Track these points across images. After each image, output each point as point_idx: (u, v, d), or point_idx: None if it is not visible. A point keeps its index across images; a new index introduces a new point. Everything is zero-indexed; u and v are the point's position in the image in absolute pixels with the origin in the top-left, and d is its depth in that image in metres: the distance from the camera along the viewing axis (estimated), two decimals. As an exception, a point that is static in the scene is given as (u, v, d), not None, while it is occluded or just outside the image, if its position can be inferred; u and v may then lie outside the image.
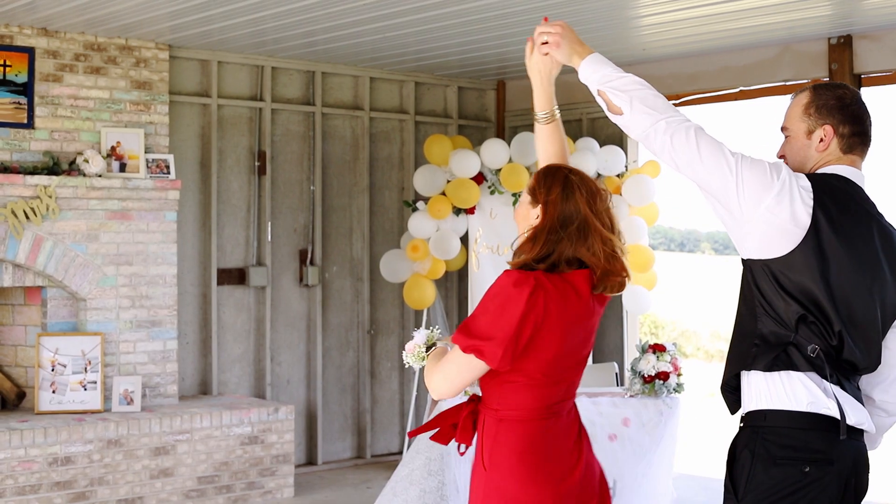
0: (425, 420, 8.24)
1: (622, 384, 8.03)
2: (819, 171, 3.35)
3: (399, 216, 9.70)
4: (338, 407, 9.41)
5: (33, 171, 7.57)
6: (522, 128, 9.90)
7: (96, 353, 7.76)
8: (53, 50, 7.78)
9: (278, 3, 6.90)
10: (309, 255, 9.19)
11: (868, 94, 8.01)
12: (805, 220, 3.16)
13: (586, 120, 9.53)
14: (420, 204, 8.79)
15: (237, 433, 7.91)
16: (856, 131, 3.37)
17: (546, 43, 3.61)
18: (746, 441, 3.23)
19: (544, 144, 3.79)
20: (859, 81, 7.94)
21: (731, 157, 3.21)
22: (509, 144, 8.84)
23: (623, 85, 3.39)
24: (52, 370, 7.64)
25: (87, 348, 7.75)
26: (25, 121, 7.65)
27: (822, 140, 3.37)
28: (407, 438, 9.10)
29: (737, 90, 8.53)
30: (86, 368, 7.72)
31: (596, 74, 3.47)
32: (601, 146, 8.88)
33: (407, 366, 3.83)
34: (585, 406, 6.74)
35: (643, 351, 6.92)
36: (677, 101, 9.06)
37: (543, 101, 3.79)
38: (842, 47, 7.88)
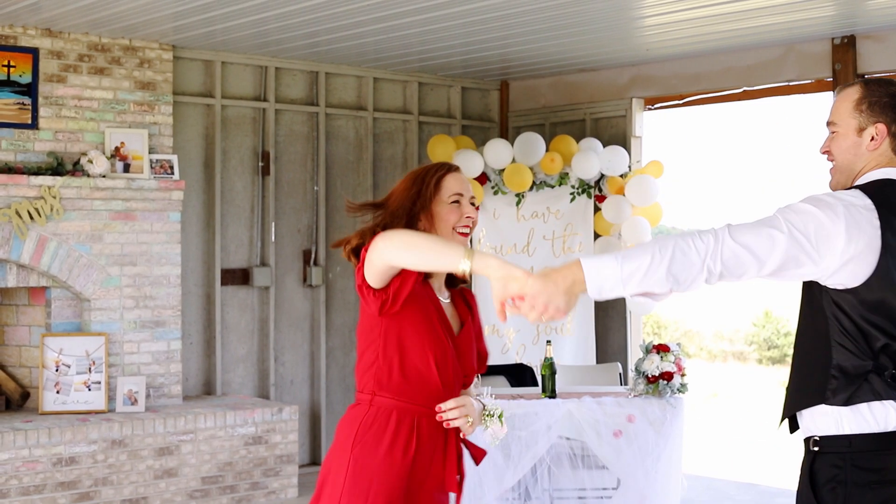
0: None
1: (626, 384, 8.04)
2: (871, 179, 3.21)
3: (402, 216, 9.68)
4: (341, 407, 9.41)
5: (37, 171, 7.58)
6: (526, 128, 9.91)
7: (100, 353, 7.77)
8: (57, 50, 7.78)
9: (282, 3, 6.91)
10: (312, 256, 9.20)
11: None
12: (878, 242, 3.02)
13: (590, 120, 9.53)
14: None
15: (241, 433, 7.91)
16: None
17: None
18: (832, 467, 3.08)
19: None
20: (863, 81, 7.94)
21: (781, 231, 2.98)
22: (512, 145, 8.85)
23: (649, 274, 2.92)
24: (57, 370, 7.64)
25: (92, 349, 7.76)
26: (29, 121, 7.65)
27: (873, 139, 3.22)
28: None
29: (741, 90, 8.53)
30: (90, 369, 7.73)
31: (610, 282, 2.92)
32: (604, 146, 8.88)
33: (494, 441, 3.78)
34: (590, 406, 6.75)
35: (647, 351, 6.92)
36: (681, 102, 9.07)
37: None
38: (845, 47, 7.88)
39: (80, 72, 7.88)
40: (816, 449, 3.12)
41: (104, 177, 7.79)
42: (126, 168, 7.99)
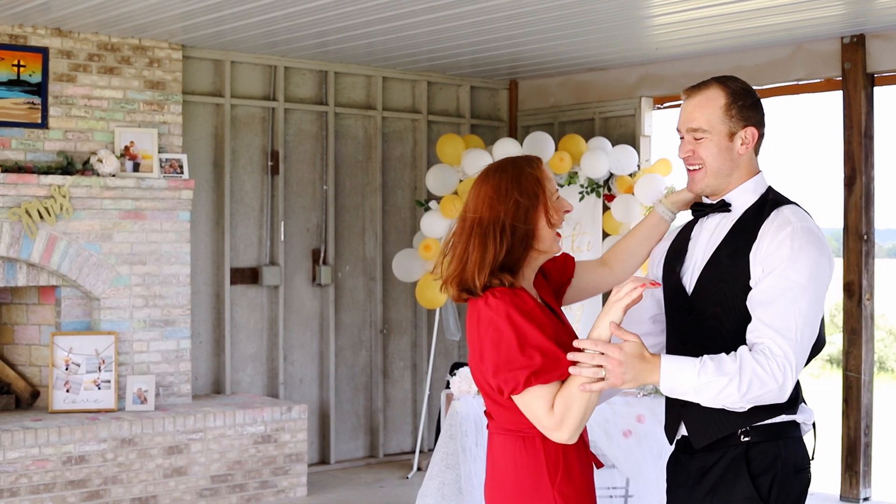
0: (442, 420, 8.27)
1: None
2: (765, 190, 3.24)
3: (412, 216, 9.71)
4: (350, 406, 9.42)
5: (47, 170, 7.60)
6: (535, 127, 9.91)
7: (110, 352, 7.79)
8: (67, 50, 7.80)
9: (291, 3, 6.92)
10: (322, 255, 9.21)
11: (881, 94, 8.00)
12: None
13: (599, 119, 9.53)
14: (433, 203, 8.80)
15: (250, 432, 7.92)
16: (763, 132, 3.27)
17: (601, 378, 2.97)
18: (767, 453, 3.13)
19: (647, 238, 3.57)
20: (872, 81, 7.93)
21: (821, 303, 3.09)
22: (521, 144, 8.85)
23: (723, 395, 2.96)
24: (66, 369, 7.66)
25: (101, 347, 7.78)
26: (39, 121, 7.67)
27: (743, 143, 3.21)
28: (420, 438, 9.11)
29: (750, 89, 8.52)
30: (99, 368, 7.75)
31: (684, 386, 2.99)
32: (613, 146, 8.87)
33: None
34: (599, 405, 6.75)
35: (656, 351, 6.90)
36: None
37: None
38: (855, 46, 7.87)
39: (89, 71, 7.90)
40: (748, 439, 3.15)
41: (114, 176, 7.80)
42: (136, 167, 8.01)
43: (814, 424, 3.26)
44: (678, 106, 9.51)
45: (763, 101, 3.33)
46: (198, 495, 7.68)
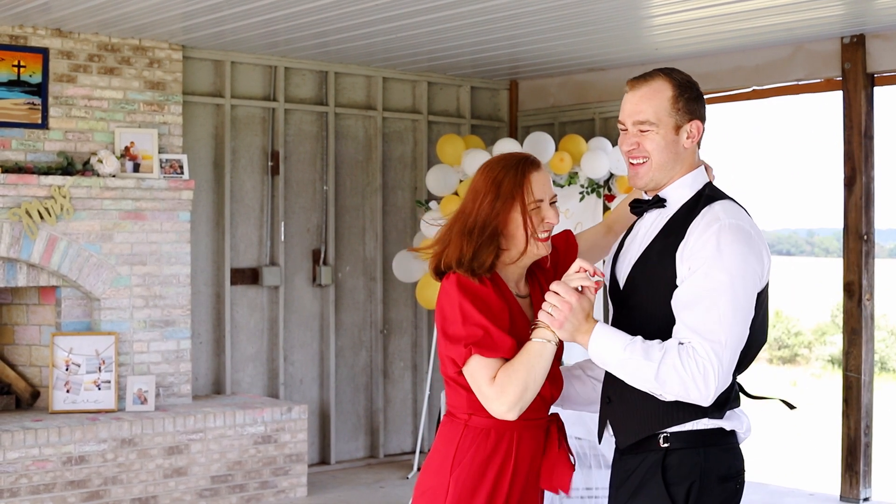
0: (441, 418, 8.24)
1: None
2: (703, 185, 3.18)
3: (412, 216, 9.72)
4: (351, 406, 9.43)
5: (47, 171, 7.60)
6: (535, 127, 9.91)
7: (110, 352, 7.79)
8: (67, 50, 7.80)
9: (291, 3, 6.92)
10: (322, 255, 9.21)
11: (881, 94, 8.00)
12: None
13: (599, 119, 9.53)
14: (433, 204, 8.80)
15: (250, 432, 7.93)
16: (705, 126, 3.22)
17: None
18: (685, 461, 3.07)
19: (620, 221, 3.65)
20: (872, 81, 7.93)
21: (751, 301, 3.02)
22: (522, 144, 8.85)
23: (639, 372, 3.01)
24: (67, 370, 7.66)
25: (101, 348, 7.78)
26: (40, 121, 7.68)
27: (689, 137, 3.15)
28: (420, 438, 9.11)
29: (749, 90, 8.52)
30: (100, 368, 7.75)
31: (607, 355, 3.10)
32: (613, 146, 8.88)
33: None
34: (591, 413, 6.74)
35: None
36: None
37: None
38: (855, 46, 7.87)
39: (89, 72, 7.90)
40: (668, 445, 3.11)
41: (114, 176, 7.81)
42: (136, 168, 8.01)
43: (749, 429, 3.18)
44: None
45: (763, 101, 3.33)
46: (198, 496, 7.68)
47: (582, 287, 3.05)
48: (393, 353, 9.68)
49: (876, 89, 7.95)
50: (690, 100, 3.15)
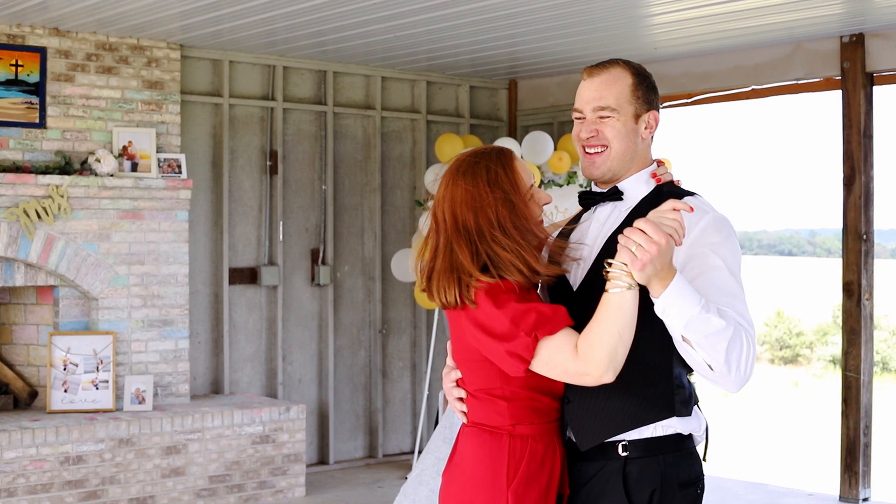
0: (439, 419, 8.25)
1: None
2: (667, 179, 3.12)
3: (410, 215, 9.71)
4: (349, 406, 9.42)
5: (45, 170, 7.59)
6: (534, 127, 9.90)
7: (108, 352, 7.78)
8: (65, 50, 7.80)
9: (289, 2, 6.91)
10: (321, 255, 9.20)
11: (880, 93, 7.99)
12: None
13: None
14: (431, 203, 8.78)
15: (249, 432, 7.92)
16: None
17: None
18: (646, 469, 3.00)
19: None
20: (872, 80, 7.92)
21: (740, 279, 2.93)
22: (521, 144, 8.84)
23: (713, 336, 2.77)
24: (64, 369, 7.66)
25: (99, 347, 7.77)
26: (37, 120, 7.67)
27: (647, 127, 3.11)
28: (419, 439, 9.10)
29: (748, 89, 8.51)
30: (97, 368, 7.74)
31: (679, 310, 2.77)
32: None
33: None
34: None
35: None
36: (689, 101, 9.05)
37: None
38: (854, 45, 7.85)
39: (87, 71, 7.89)
40: (627, 454, 3.04)
41: (112, 176, 7.80)
42: (134, 167, 8.00)
43: (706, 429, 3.13)
44: (678, 105, 9.52)
45: (762, 100, 3.30)
46: (196, 495, 7.67)
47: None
48: (392, 353, 9.67)
49: (875, 88, 7.93)
50: (649, 89, 3.11)
